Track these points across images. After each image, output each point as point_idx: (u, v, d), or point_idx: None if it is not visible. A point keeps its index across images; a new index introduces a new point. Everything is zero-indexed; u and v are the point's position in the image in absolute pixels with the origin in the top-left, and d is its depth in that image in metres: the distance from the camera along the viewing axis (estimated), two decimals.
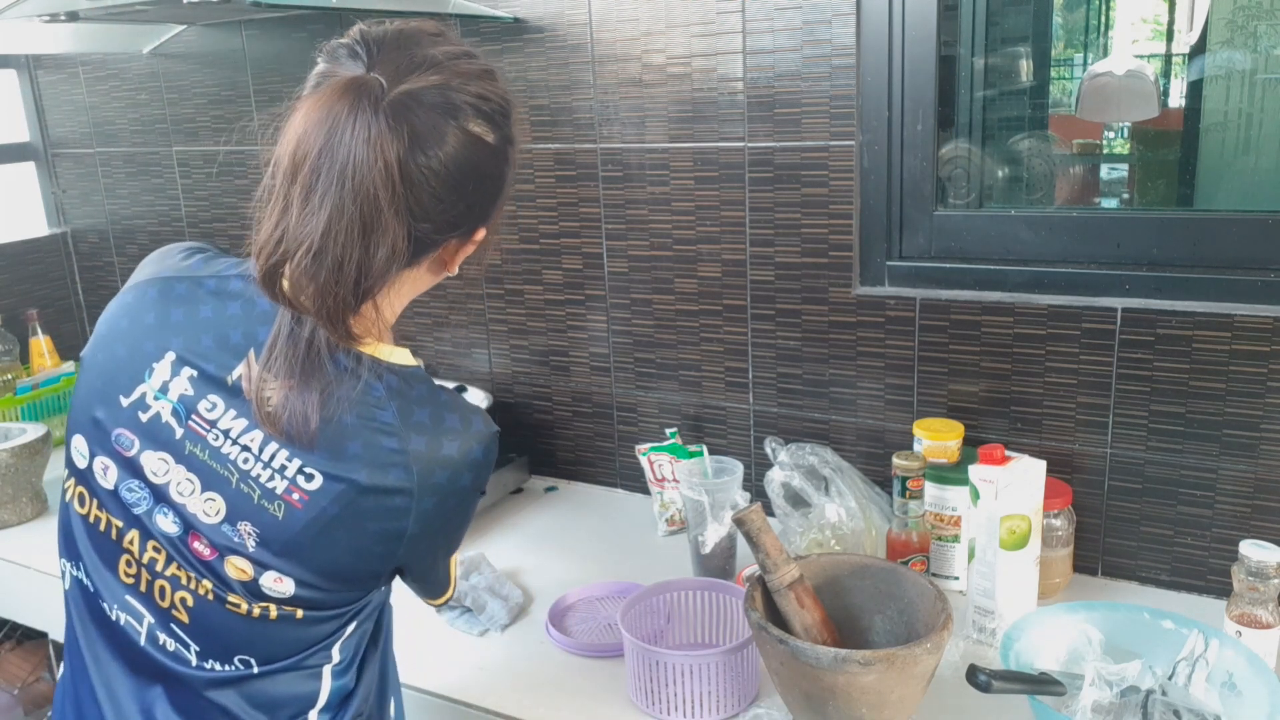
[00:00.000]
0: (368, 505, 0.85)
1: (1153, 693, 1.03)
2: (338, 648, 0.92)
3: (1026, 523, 1.22)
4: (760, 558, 1.08)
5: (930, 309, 1.44)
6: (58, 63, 2.23)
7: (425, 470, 0.86)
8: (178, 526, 0.86)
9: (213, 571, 0.86)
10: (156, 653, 0.89)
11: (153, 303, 0.89)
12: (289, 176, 0.80)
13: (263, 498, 0.84)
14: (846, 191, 1.45)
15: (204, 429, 0.85)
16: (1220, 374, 1.28)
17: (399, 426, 0.85)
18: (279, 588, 0.86)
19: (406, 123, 0.80)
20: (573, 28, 1.60)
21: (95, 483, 0.89)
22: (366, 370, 0.85)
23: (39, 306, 2.21)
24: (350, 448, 0.84)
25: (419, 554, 0.92)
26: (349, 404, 0.84)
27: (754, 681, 1.17)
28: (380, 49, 0.83)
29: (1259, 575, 1.11)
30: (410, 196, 0.81)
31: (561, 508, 1.74)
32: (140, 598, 0.89)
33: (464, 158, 0.83)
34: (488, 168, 0.87)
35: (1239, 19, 1.57)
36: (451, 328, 1.88)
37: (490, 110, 0.85)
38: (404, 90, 0.80)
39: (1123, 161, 1.85)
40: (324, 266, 0.79)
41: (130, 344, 0.88)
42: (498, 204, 0.91)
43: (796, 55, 1.44)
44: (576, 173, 1.67)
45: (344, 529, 0.85)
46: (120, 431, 0.87)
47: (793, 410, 1.58)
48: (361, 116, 0.78)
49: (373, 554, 0.88)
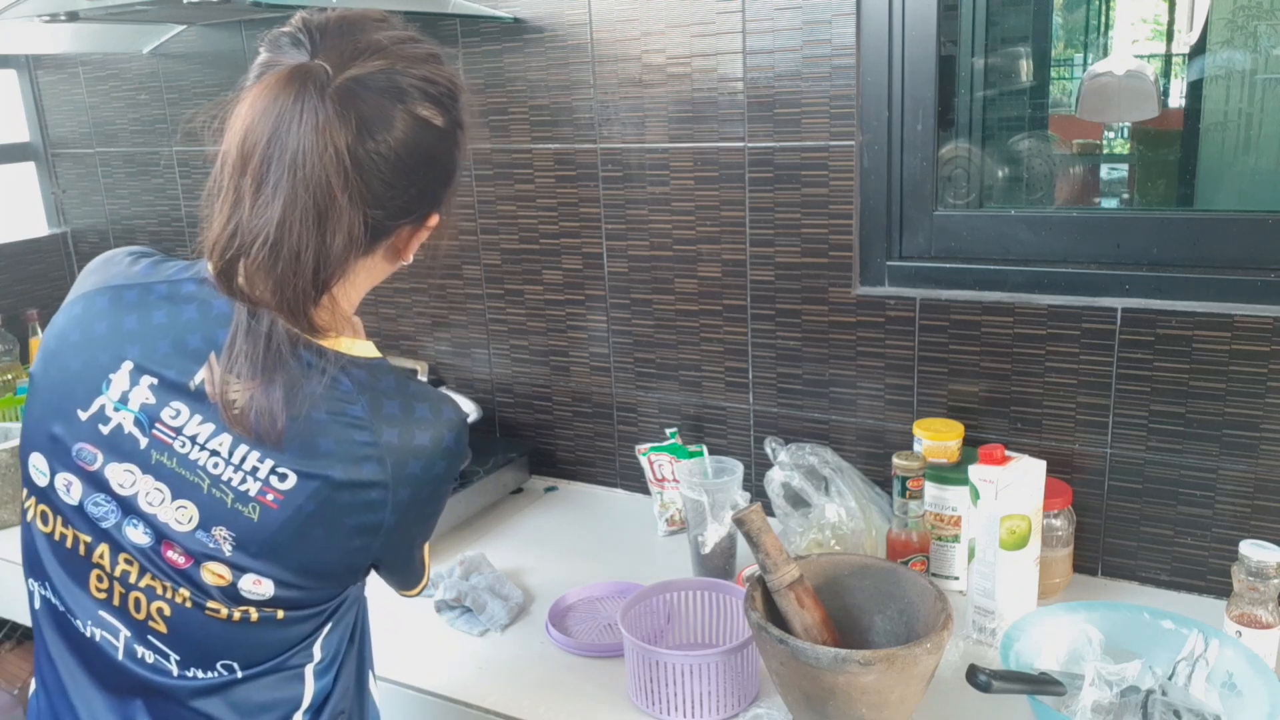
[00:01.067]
0: (343, 500, 0.84)
1: (1153, 693, 1.03)
2: (318, 646, 0.92)
3: (1026, 523, 1.22)
4: (760, 558, 1.08)
5: (930, 309, 1.44)
6: (58, 63, 2.23)
7: (399, 461, 0.85)
8: (149, 537, 0.85)
9: (189, 579, 0.85)
10: (136, 666, 0.88)
11: (103, 312, 0.87)
12: (238, 169, 0.78)
13: (236, 501, 0.83)
14: (846, 191, 1.45)
15: (169, 437, 0.84)
16: (1220, 374, 1.28)
17: (370, 419, 0.84)
18: (258, 590, 0.85)
19: (354, 109, 0.79)
20: (573, 28, 1.60)
21: (58, 500, 0.87)
22: (331, 365, 0.84)
23: (39, 306, 2.20)
24: (322, 444, 0.83)
25: (395, 546, 0.92)
26: (317, 400, 0.83)
27: (754, 681, 1.17)
28: (323, 36, 0.82)
29: (1259, 575, 1.11)
30: (362, 183, 0.80)
31: (561, 508, 1.74)
32: (115, 612, 0.88)
33: (413, 142, 0.83)
34: (437, 151, 0.86)
35: (1239, 19, 1.57)
36: (451, 328, 1.88)
37: (438, 93, 0.85)
38: (350, 76, 0.80)
39: (1123, 161, 1.85)
40: (281, 258, 0.78)
41: (83, 357, 0.86)
42: (449, 188, 0.91)
43: (796, 55, 1.44)
44: (576, 173, 1.67)
45: (321, 526, 0.84)
46: (81, 446, 0.85)
47: (793, 410, 1.58)
48: (309, 104, 0.77)
49: (351, 548, 0.87)
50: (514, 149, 1.71)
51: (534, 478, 1.84)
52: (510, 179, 1.73)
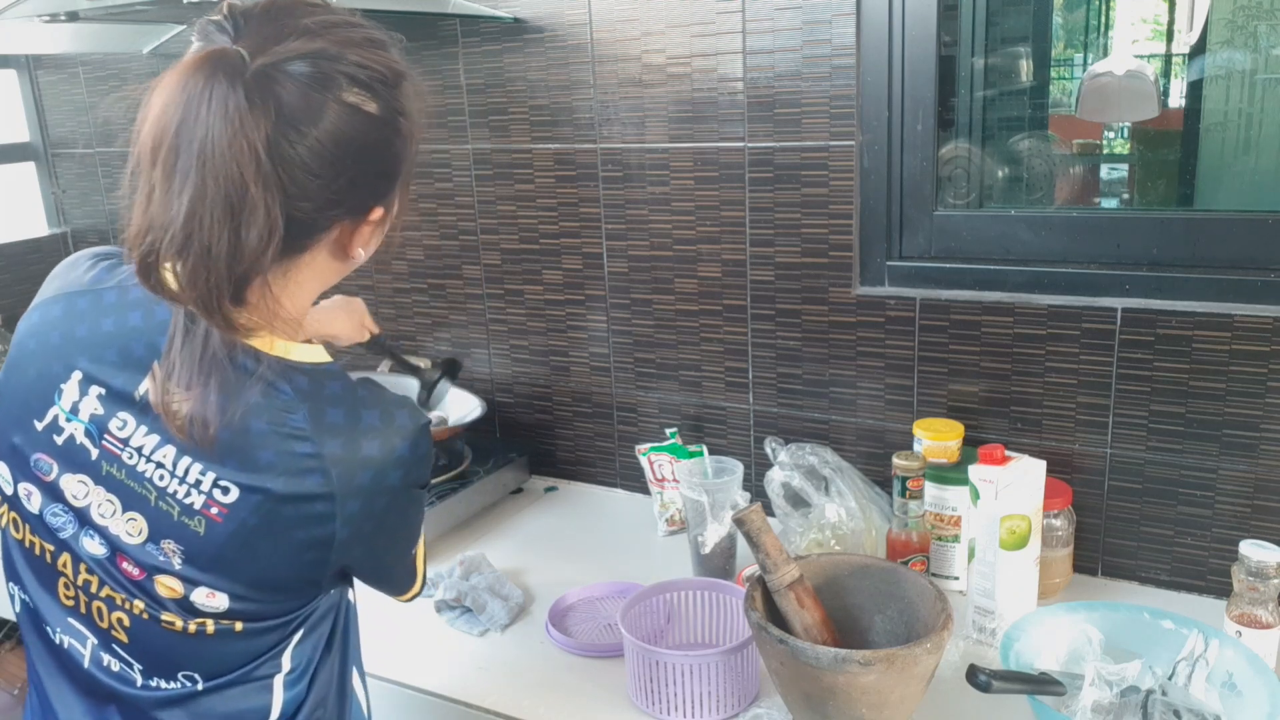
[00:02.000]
0: (288, 514, 0.81)
1: (1153, 693, 1.03)
2: (287, 656, 0.88)
3: (1026, 523, 1.22)
4: (760, 558, 1.08)
5: (930, 309, 1.44)
6: (58, 63, 2.23)
7: (345, 473, 0.81)
8: (104, 548, 0.83)
9: (144, 591, 0.83)
10: (102, 674, 0.87)
11: (57, 321, 0.86)
12: (150, 161, 0.75)
13: (182, 514, 0.81)
14: (846, 191, 1.45)
15: (118, 448, 0.82)
16: (1220, 374, 1.28)
17: (311, 430, 0.81)
18: (212, 603, 0.83)
19: (273, 95, 0.75)
20: (573, 28, 1.60)
21: (23, 508, 0.87)
22: (269, 371, 0.81)
23: None
24: (262, 456, 0.80)
25: (359, 557, 0.88)
26: (257, 409, 0.80)
27: (754, 681, 1.17)
28: (247, 21, 0.78)
29: (1259, 575, 1.11)
30: (283, 174, 0.76)
31: (561, 508, 1.74)
32: (81, 619, 0.87)
33: (340, 130, 0.78)
34: (370, 140, 0.81)
35: (1239, 19, 1.57)
36: (451, 328, 1.88)
37: (370, 78, 0.80)
38: (268, 62, 0.75)
39: (1123, 161, 1.85)
40: (192, 252, 0.75)
41: (39, 366, 0.85)
42: (392, 180, 0.86)
43: (796, 55, 1.44)
44: (576, 173, 1.67)
45: (268, 540, 0.81)
46: (39, 456, 0.84)
47: (793, 410, 1.58)
48: (218, 90, 0.73)
49: (304, 562, 0.84)
50: (514, 149, 1.71)
51: (534, 478, 1.84)
52: (510, 179, 1.73)
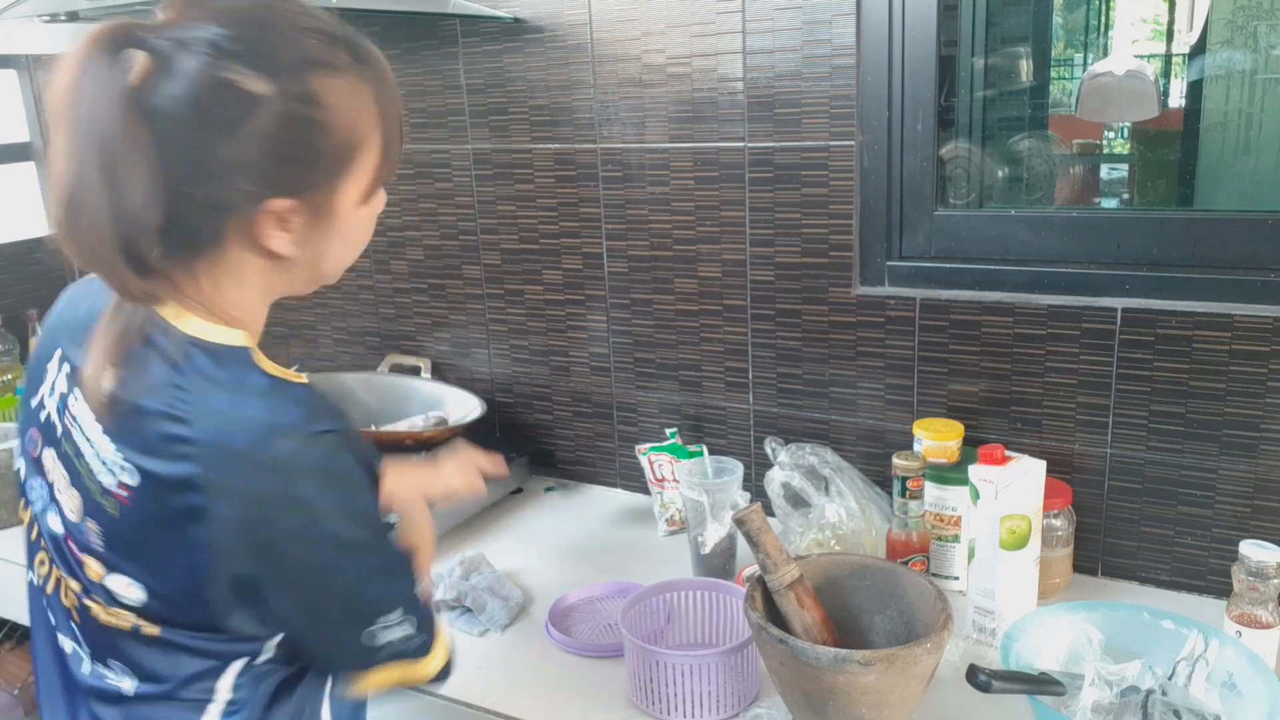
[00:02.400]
0: (172, 504, 0.76)
1: (1153, 693, 1.03)
2: (227, 685, 0.83)
3: (1026, 523, 1.22)
4: (760, 558, 1.08)
5: (930, 309, 1.44)
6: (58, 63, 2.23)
7: (215, 464, 0.75)
8: (62, 527, 0.84)
9: (80, 572, 0.83)
10: (66, 653, 0.88)
11: (62, 307, 0.91)
12: (50, 133, 0.76)
13: (100, 494, 0.79)
14: (846, 191, 1.45)
15: (71, 423, 0.82)
16: (1220, 374, 1.28)
17: (192, 412, 0.75)
18: (129, 594, 0.80)
19: (156, 64, 0.74)
20: (573, 28, 1.60)
21: (22, 484, 0.91)
22: (174, 347, 0.78)
23: (39, 306, 2.20)
24: (152, 437, 0.76)
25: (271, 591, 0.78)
26: (153, 389, 0.77)
27: (754, 681, 1.17)
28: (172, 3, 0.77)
29: (1259, 575, 1.11)
30: (161, 145, 0.74)
31: (561, 508, 1.74)
32: (50, 598, 0.89)
33: (215, 106, 0.75)
34: (255, 123, 0.76)
35: (1239, 19, 1.57)
36: (451, 328, 1.88)
37: (264, 58, 0.76)
38: (162, 35, 0.75)
39: (1123, 161, 1.85)
40: (81, 218, 0.74)
41: (41, 348, 0.90)
42: (302, 171, 0.80)
43: (796, 55, 1.44)
44: (576, 173, 1.67)
45: (164, 531, 0.77)
46: (32, 432, 0.88)
47: (793, 410, 1.58)
48: (103, 58, 0.73)
49: (198, 563, 0.77)
50: (514, 149, 1.71)
51: (534, 478, 1.83)
52: (510, 179, 1.73)
